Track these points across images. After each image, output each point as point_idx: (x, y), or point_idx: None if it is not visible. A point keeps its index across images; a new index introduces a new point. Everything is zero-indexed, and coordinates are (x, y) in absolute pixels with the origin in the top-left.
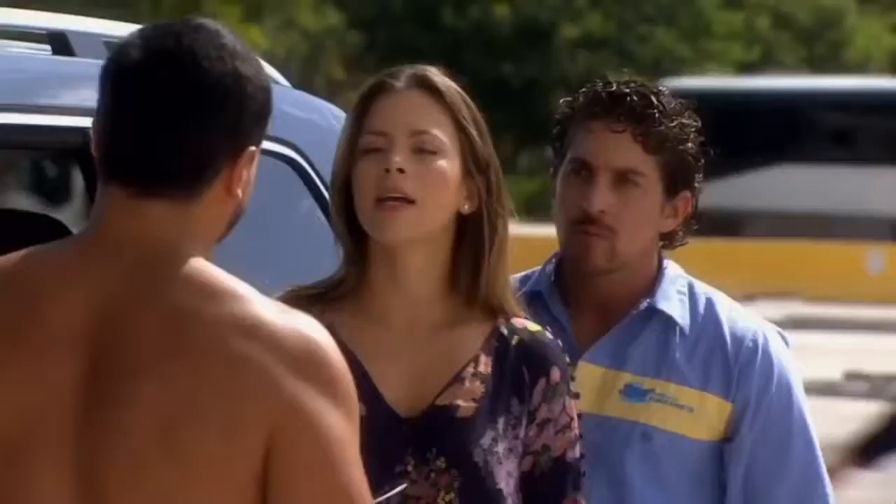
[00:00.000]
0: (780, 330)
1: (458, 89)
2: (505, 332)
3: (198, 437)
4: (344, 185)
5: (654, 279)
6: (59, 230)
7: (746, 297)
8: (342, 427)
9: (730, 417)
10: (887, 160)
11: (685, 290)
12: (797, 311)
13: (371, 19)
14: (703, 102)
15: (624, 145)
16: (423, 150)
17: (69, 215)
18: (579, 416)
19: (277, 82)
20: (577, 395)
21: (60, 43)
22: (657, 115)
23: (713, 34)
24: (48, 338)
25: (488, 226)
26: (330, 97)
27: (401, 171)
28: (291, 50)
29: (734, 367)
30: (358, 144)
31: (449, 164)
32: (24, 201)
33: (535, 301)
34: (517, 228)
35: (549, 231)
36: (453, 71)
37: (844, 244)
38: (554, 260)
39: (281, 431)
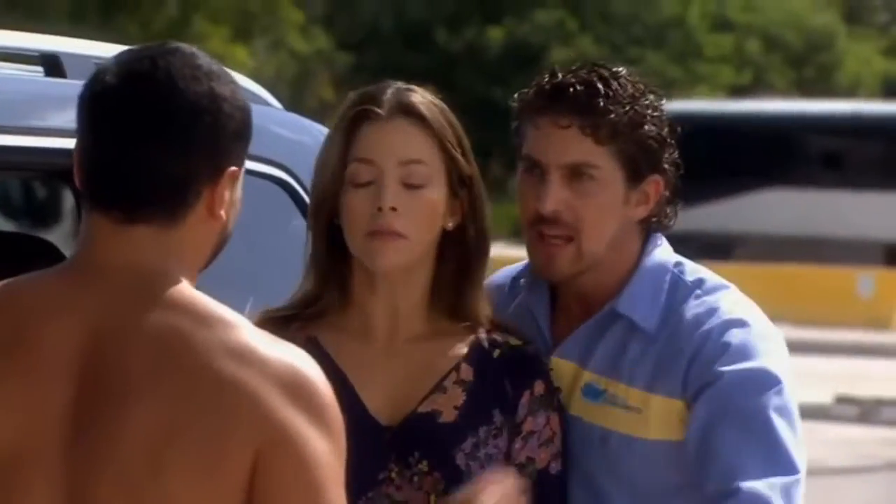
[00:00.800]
0: (739, 320)
1: (440, 108)
2: (486, 344)
3: (185, 459)
4: (328, 209)
5: (631, 274)
6: (50, 251)
7: None
8: (328, 453)
9: (686, 415)
10: (878, 184)
11: (665, 284)
12: (788, 335)
13: (360, 41)
14: (694, 126)
15: (572, 140)
16: (412, 185)
17: (59, 236)
18: (563, 428)
19: (268, 103)
20: (560, 410)
21: (53, 65)
22: (603, 104)
23: (703, 57)
24: (37, 363)
25: (471, 240)
26: (320, 118)
27: (393, 209)
28: (280, 71)
29: (689, 368)
30: (346, 174)
31: (436, 193)
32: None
33: (516, 295)
34: (506, 251)
35: None
36: (444, 92)
37: (835, 268)
38: None
39: (268, 454)
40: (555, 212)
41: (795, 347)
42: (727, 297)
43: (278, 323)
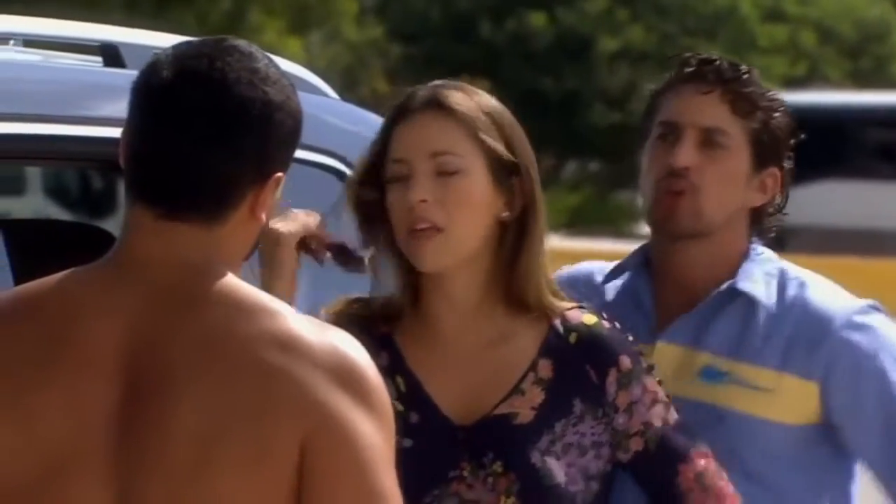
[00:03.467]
0: (869, 304)
1: (477, 99)
2: (561, 330)
3: (233, 452)
4: (382, 211)
5: (741, 260)
6: (106, 240)
7: None
8: (376, 437)
9: (821, 399)
10: None
11: (775, 272)
12: None
13: (411, 32)
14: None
15: (711, 104)
16: (444, 173)
17: (117, 226)
18: (659, 382)
19: (325, 94)
20: (651, 368)
21: (112, 55)
22: (746, 78)
23: (757, 48)
24: (82, 363)
25: (528, 228)
26: (373, 109)
27: (423, 201)
28: (333, 61)
29: (820, 347)
30: (386, 175)
31: (473, 181)
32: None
33: (617, 282)
34: (560, 242)
35: (591, 245)
36: (492, 83)
37: (891, 260)
38: (643, 250)
39: (314, 441)
40: (684, 168)
41: None
42: (838, 289)
43: (358, 313)
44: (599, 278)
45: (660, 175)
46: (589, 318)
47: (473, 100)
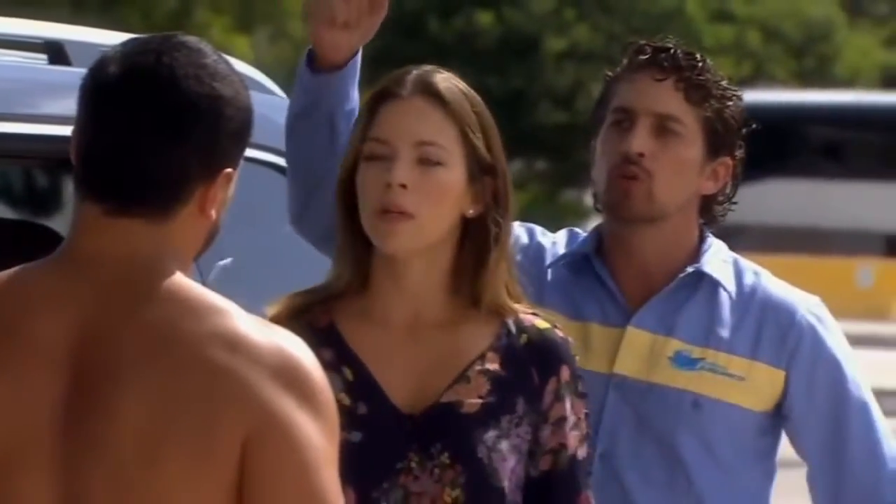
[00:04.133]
0: (819, 301)
1: (466, 93)
2: (513, 329)
3: (177, 449)
4: (348, 189)
5: (697, 247)
6: (52, 239)
7: None
8: (319, 438)
9: (784, 387)
10: (877, 175)
11: (729, 259)
12: None
13: None
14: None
15: (665, 92)
16: (427, 161)
17: (61, 225)
18: (587, 414)
19: (272, 92)
20: (584, 395)
21: (57, 52)
22: (701, 66)
23: (703, 48)
24: (29, 356)
25: (492, 229)
26: None
27: (402, 186)
28: (279, 59)
29: (787, 336)
30: (362, 151)
31: (451, 174)
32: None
33: (580, 263)
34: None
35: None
36: None
37: (835, 258)
38: (595, 233)
39: (258, 438)
40: (639, 154)
41: None
42: (785, 283)
43: (299, 307)
44: (551, 258)
45: (614, 161)
46: (542, 323)
47: (464, 94)
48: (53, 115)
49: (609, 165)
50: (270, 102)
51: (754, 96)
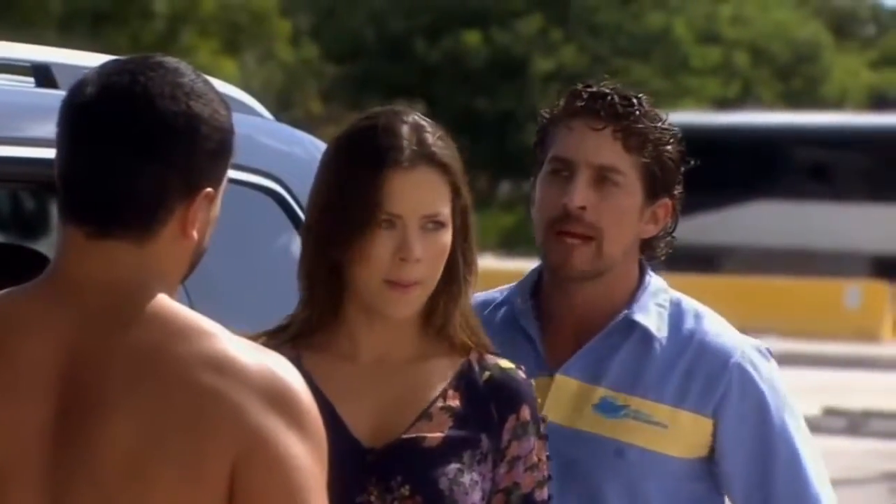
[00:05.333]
0: (760, 345)
1: (450, 146)
2: (476, 367)
3: (165, 472)
4: (340, 243)
5: (634, 291)
6: (41, 262)
7: None
8: (308, 460)
9: (713, 434)
10: (865, 196)
11: (666, 303)
12: (775, 347)
13: (345, 53)
14: (681, 138)
15: (604, 142)
16: (433, 228)
17: (49, 248)
18: (548, 457)
19: (259, 114)
20: (545, 437)
21: (44, 75)
22: (638, 114)
23: (690, 69)
24: (14, 380)
25: (461, 264)
26: (308, 130)
27: (417, 260)
28: (267, 82)
29: (716, 384)
30: (375, 217)
31: (449, 233)
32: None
33: (505, 312)
34: (494, 263)
35: (525, 265)
36: (427, 103)
37: (823, 280)
38: (535, 274)
39: (246, 461)
40: (580, 209)
41: (783, 359)
42: (726, 325)
43: (267, 342)
44: (486, 310)
45: (554, 214)
46: (505, 364)
47: (448, 147)
48: (40, 139)
49: (548, 219)
50: (257, 124)
51: (741, 118)
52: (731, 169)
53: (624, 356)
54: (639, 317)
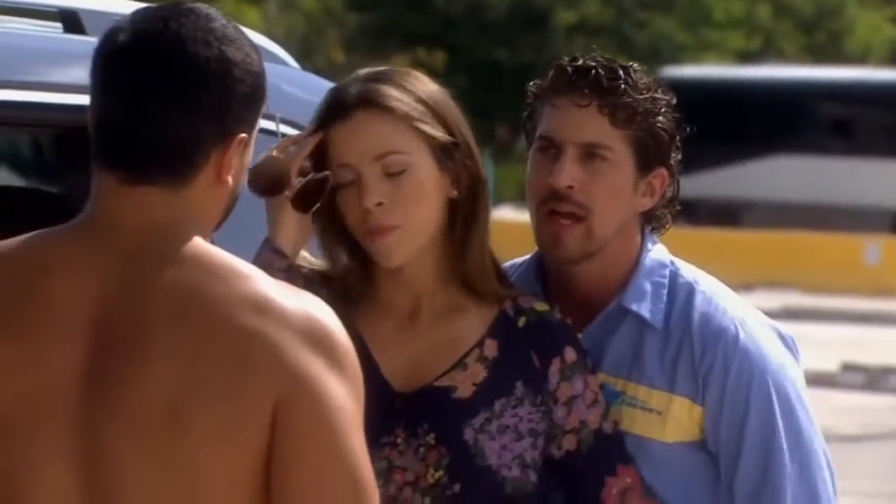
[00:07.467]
0: (777, 325)
1: (406, 86)
2: (511, 313)
3: (205, 412)
4: (327, 203)
5: (632, 270)
6: (65, 206)
7: (744, 286)
8: (347, 400)
9: (702, 420)
10: (886, 152)
11: (665, 280)
12: (794, 302)
13: (367, 1)
14: (703, 92)
15: (589, 119)
16: (392, 173)
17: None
18: (601, 386)
19: (285, 62)
20: (594, 369)
21: (72, 21)
22: (624, 87)
23: (713, 22)
24: (48, 320)
25: (466, 206)
26: (329, 78)
27: (379, 204)
28: (289, 30)
29: (700, 369)
30: (334, 179)
31: (421, 174)
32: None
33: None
34: (512, 214)
35: None
36: (447, 53)
37: (842, 235)
38: (534, 263)
39: (287, 401)
40: (568, 188)
41: (802, 314)
42: (727, 297)
43: (314, 281)
44: None
45: (542, 195)
46: (541, 306)
47: (406, 89)
48: (68, 84)
49: (537, 199)
50: (283, 73)
51: (763, 72)
52: (752, 123)
53: (621, 340)
54: (632, 303)
